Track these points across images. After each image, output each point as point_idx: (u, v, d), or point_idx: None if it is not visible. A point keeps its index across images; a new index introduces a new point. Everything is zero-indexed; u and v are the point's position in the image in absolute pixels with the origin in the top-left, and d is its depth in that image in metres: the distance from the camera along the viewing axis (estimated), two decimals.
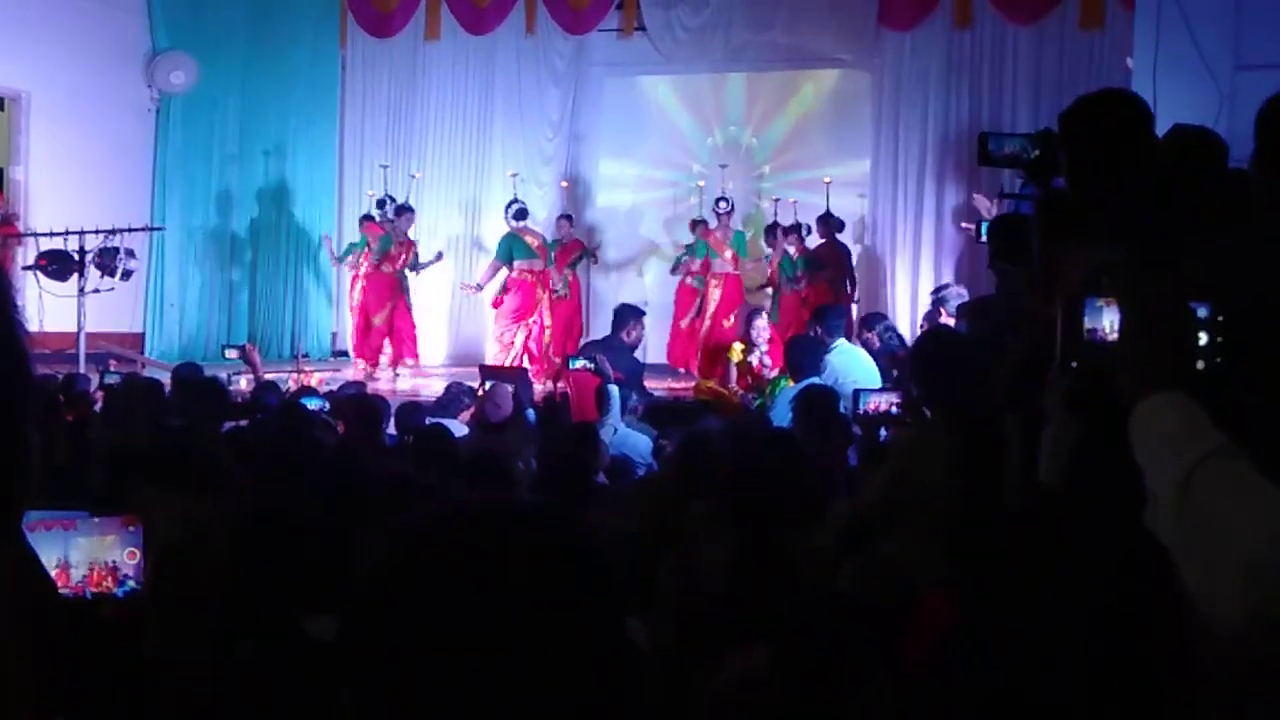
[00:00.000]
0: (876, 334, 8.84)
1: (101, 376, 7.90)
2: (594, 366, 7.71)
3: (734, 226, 12.06)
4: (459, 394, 7.64)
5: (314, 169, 14.29)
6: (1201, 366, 1.45)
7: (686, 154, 13.45)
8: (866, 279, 12.32)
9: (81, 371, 8.98)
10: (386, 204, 12.61)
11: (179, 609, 2.83)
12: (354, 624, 0.98)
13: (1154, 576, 1.53)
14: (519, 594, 0.94)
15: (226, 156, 13.92)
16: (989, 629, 2.72)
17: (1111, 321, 1.54)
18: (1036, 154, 4.01)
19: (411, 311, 12.36)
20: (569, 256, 12.16)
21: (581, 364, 8.00)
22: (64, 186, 12.04)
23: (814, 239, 11.45)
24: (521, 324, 11.93)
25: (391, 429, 6.75)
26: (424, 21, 13.92)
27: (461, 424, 7.17)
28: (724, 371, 10.72)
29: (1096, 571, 2.28)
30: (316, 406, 6.80)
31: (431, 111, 14.07)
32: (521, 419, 7.24)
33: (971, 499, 3.26)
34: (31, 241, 11.14)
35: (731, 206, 12.00)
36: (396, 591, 0.96)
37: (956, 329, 6.65)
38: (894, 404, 5.34)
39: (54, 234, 10.64)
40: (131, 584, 2.92)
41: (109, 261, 10.38)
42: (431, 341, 13.32)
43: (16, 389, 1.14)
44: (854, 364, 7.45)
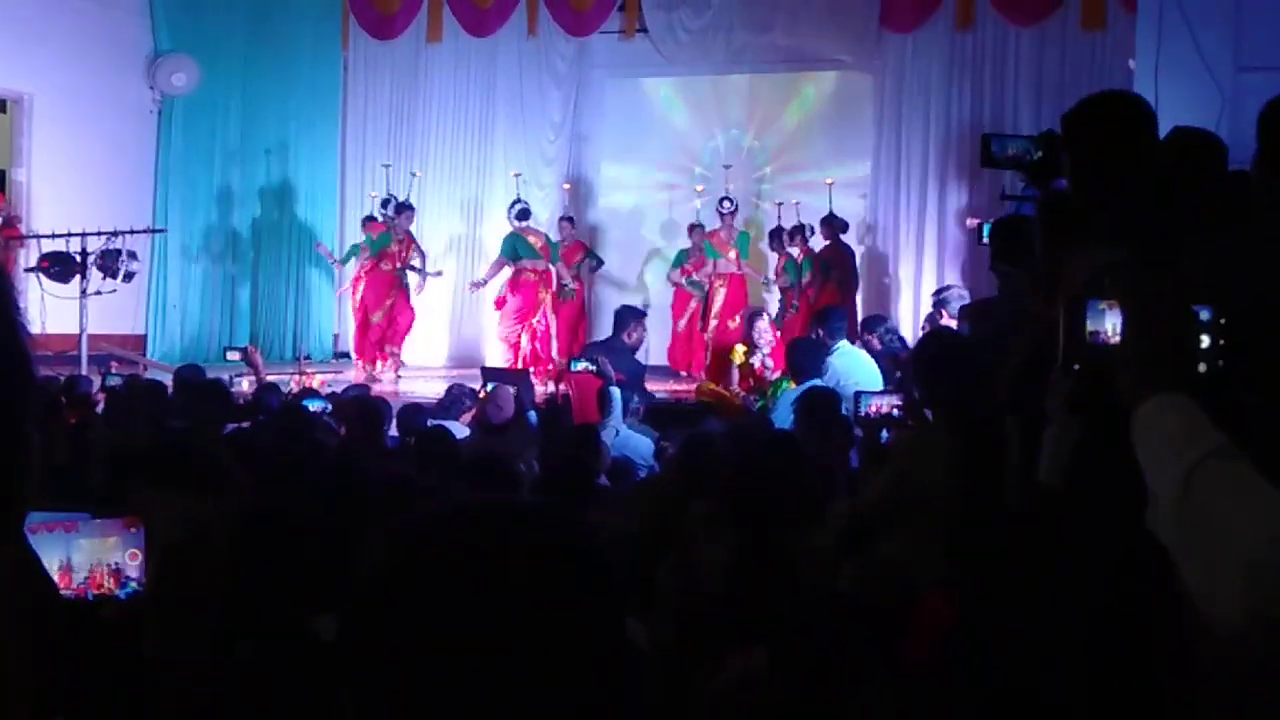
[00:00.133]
0: (877, 336, 8.83)
1: (103, 378, 7.90)
2: (596, 368, 7.70)
3: (737, 227, 12.07)
4: (460, 396, 7.63)
5: (316, 171, 14.29)
6: (1203, 369, 1.45)
7: (688, 156, 13.44)
8: (868, 281, 12.31)
9: (83, 373, 8.97)
10: (390, 203, 12.60)
11: (179, 609, 2.83)
12: (354, 624, 0.98)
13: (1154, 577, 1.53)
14: (519, 594, 0.94)
15: (228, 158, 13.92)
16: (989, 629, 2.72)
17: (1114, 324, 1.54)
18: (1039, 155, 4.01)
19: (412, 307, 12.34)
20: (574, 259, 12.17)
21: (583, 366, 7.99)
22: (66, 188, 12.05)
23: (817, 240, 11.45)
24: (525, 324, 11.94)
25: (393, 430, 6.75)
26: (426, 23, 13.94)
27: (463, 426, 7.17)
28: (727, 373, 10.73)
29: (1097, 572, 2.28)
30: (318, 408, 6.80)
31: (433, 113, 14.08)
32: (523, 421, 7.24)
33: (972, 499, 3.26)
34: (33, 243, 11.15)
35: (735, 207, 12.01)
36: (396, 591, 0.96)
37: (958, 330, 6.64)
38: (895, 406, 5.33)
39: (56, 236, 10.66)
40: (133, 585, 2.93)
41: (111, 263, 10.40)
42: (432, 343, 13.32)
43: (18, 390, 1.14)
44: (856, 366, 7.43)
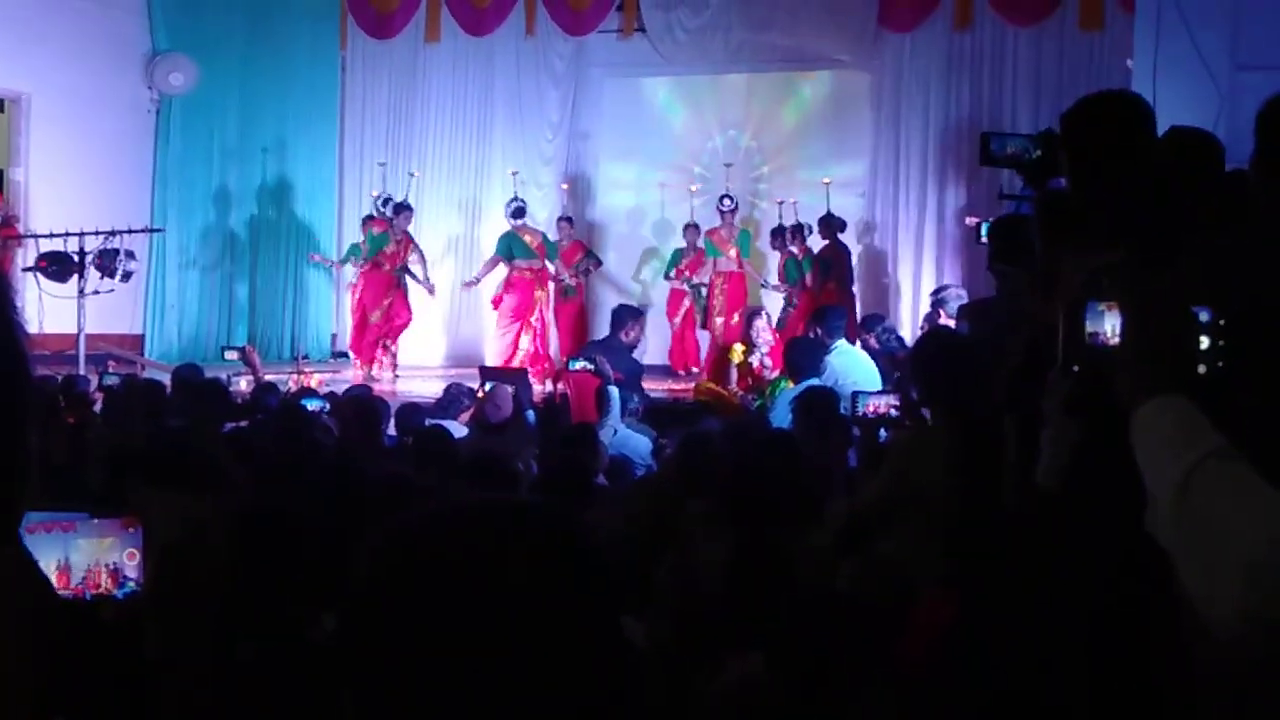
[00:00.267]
0: (875, 335, 8.84)
1: (100, 378, 7.90)
2: (594, 368, 7.70)
3: (737, 225, 12.07)
4: (459, 395, 7.62)
5: (314, 170, 14.28)
6: (1203, 371, 1.45)
7: (686, 155, 13.44)
8: (866, 280, 12.32)
9: (81, 373, 8.97)
10: (390, 202, 12.56)
11: (178, 609, 2.82)
12: (353, 624, 0.98)
13: (1153, 578, 1.53)
14: (517, 593, 0.94)
15: (226, 158, 13.90)
16: (987, 629, 2.72)
17: (1113, 326, 1.54)
18: (1038, 154, 4.01)
19: (410, 308, 12.33)
20: (573, 259, 12.16)
21: (581, 365, 7.99)
22: (64, 188, 12.03)
23: (815, 240, 11.45)
24: (521, 323, 11.94)
25: (391, 430, 6.74)
26: (424, 23, 13.93)
27: (461, 425, 7.16)
28: (726, 372, 10.74)
29: (1096, 572, 2.28)
30: (316, 407, 6.79)
31: (431, 113, 14.07)
32: (521, 420, 7.23)
33: (970, 499, 3.26)
34: (31, 243, 11.13)
35: (735, 205, 12.01)
36: (395, 591, 0.96)
37: (957, 330, 6.64)
38: (892, 406, 5.32)
39: (54, 235, 10.64)
40: (132, 585, 2.92)
41: (109, 263, 10.38)
42: (430, 342, 13.32)
43: (16, 390, 1.14)
44: (854, 365, 7.43)
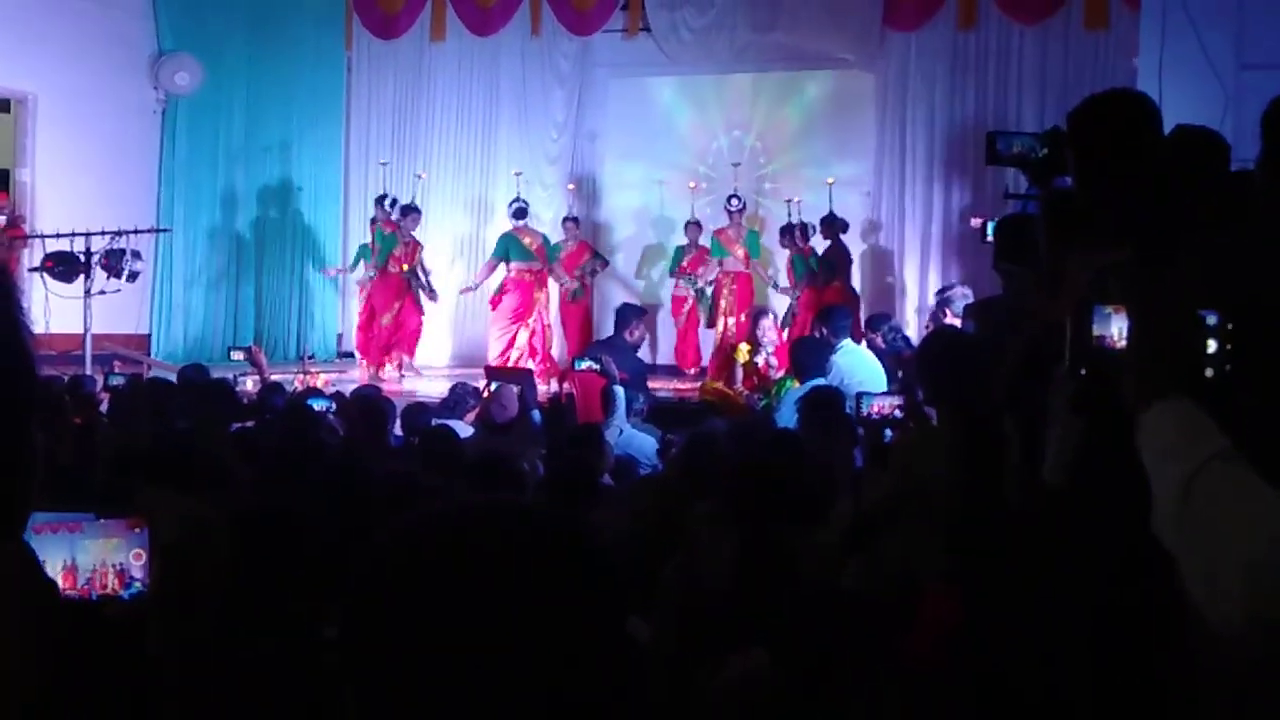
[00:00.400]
0: (881, 335, 8.82)
1: (106, 378, 7.91)
2: (599, 368, 7.70)
3: (745, 225, 12.06)
4: (464, 395, 7.64)
5: (320, 170, 14.28)
6: (1210, 374, 1.45)
7: (692, 155, 13.43)
8: (871, 280, 12.30)
9: (87, 373, 8.99)
10: (395, 203, 12.46)
11: (183, 608, 2.83)
12: (357, 622, 0.98)
13: (1157, 576, 1.54)
14: (521, 593, 0.94)
15: (232, 158, 13.91)
16: (991, 626, 2.72)
17: (1120, 328, 1.54)
18: (1044, 153, 4.00)
19: (420, 311, 12.36)
20: (579, 259, 12.14)
21: (587, 365, 8.00)
22: (70, 188, 12.05)
23: (818, 240, 11.44)
24: (520, 324, 11.93)
25: (398, 430, 6.75)
26: (429, 23, 13.93)
27: (467, 425, 7.18)
28: (731, 372, 10.74)
29: (1099, 570, 2.28)
30: (322, 407, 6.80)
31: (437, 113, 14.07)
32: (527, 420, 7.24)
33: (972, 495, 3.25)
34: (38, 243, 11.17)
35: (743, 204, 11.99)
36: (400, 590, 0.96)
37: (963, 329, 6.64)
38: (897, 407, 5.31)
39: (60, 236, 10.68)
40: (138, 586, 2.92)
41: (115, 263, 10.41)
42: (436, 343, 13.33)
43: (21, 389, 1.14)
44: (859, 365, 7.43)
